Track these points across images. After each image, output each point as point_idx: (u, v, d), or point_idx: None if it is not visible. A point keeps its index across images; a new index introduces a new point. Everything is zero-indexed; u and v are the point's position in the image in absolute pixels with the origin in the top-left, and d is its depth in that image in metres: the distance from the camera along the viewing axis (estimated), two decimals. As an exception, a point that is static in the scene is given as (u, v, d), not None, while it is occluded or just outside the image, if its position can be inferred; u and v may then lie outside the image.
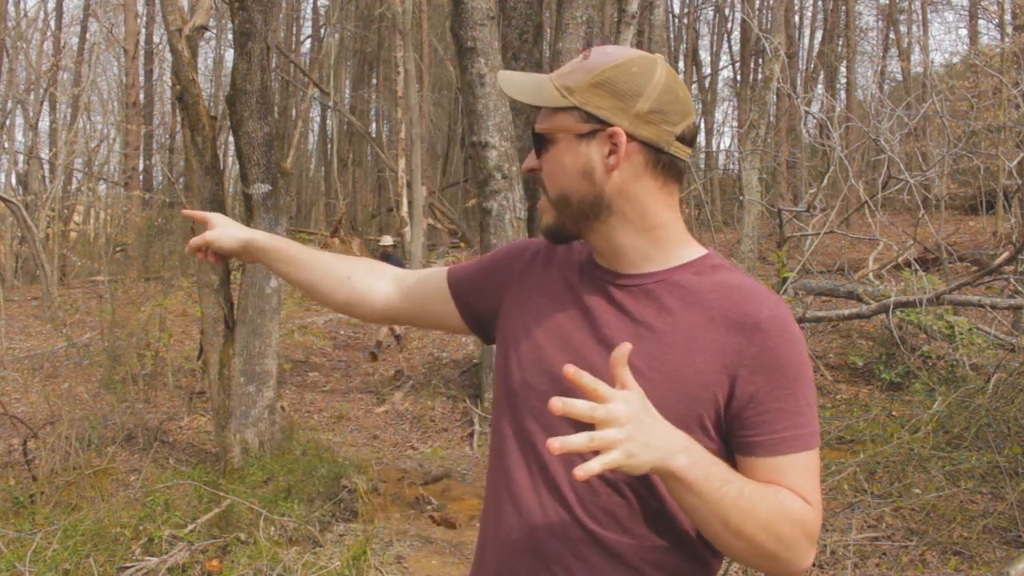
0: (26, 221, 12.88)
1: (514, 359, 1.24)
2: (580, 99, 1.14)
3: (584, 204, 1.16)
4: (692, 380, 1.10)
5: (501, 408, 1.27)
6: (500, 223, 5.93)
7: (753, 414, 1.09)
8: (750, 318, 1.10)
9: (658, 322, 1.14)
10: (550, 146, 1.18)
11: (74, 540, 3.84)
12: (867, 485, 4.38)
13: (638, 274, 1.18)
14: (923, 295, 6.97)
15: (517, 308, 1.28)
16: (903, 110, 8.61)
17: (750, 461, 1.10)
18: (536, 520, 1.17)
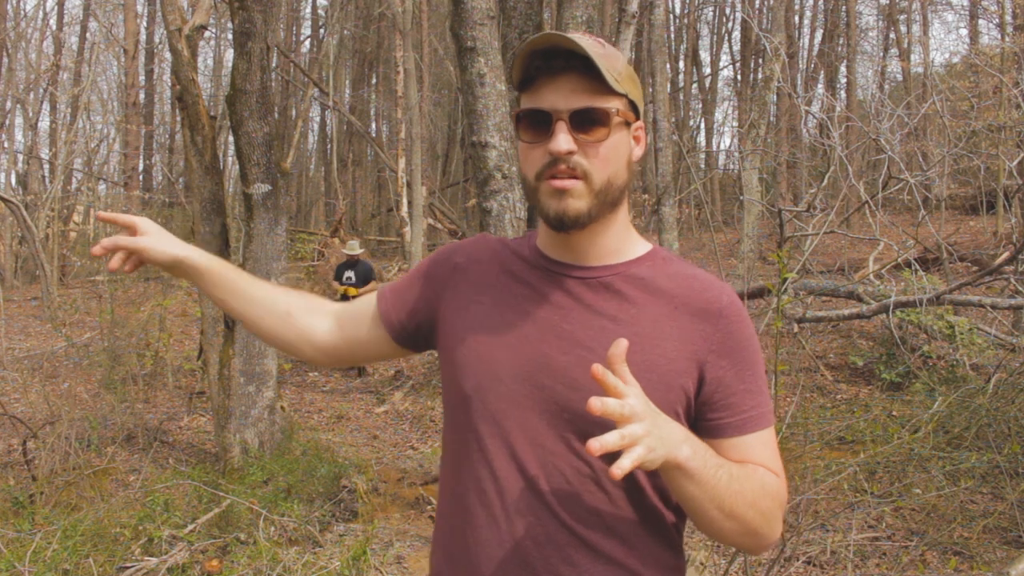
0: (26, 221, 12.88)
1: (465, 365, 1.19)
2: (627, 87, 1.15)
3: (618, 192, 1.16)
4: (665, 369, 1.13)
5: (456, 417, 1.21)
6: (500, 223, 5.92)
7: (721, 397, 1.14)
8: (712, 305, 1.16)
9: (622, 314, 1.16)
10: (599, 129, 1.12)
11: (74, 540, 3.83)
12: (867, 485, 4.38)
13: (597, 267, 1.19)
14: (923, 295, 6.97)
15: (458, 314, 1.23)
16: (903, 110, 8.61)
17: (720, 443, 1.15)
18: (519, 529, 1.13)
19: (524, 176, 1.18)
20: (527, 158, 1.16)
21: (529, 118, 1.14)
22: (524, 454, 1.14)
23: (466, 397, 1.19)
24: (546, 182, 1.14)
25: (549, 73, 1.12)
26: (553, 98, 1.12)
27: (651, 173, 15.75)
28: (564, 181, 1.12)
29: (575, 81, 1.11)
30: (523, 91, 1.17)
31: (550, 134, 1.12)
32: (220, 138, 12.00)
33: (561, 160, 1.12)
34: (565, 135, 1.11)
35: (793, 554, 3.81)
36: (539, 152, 1.14)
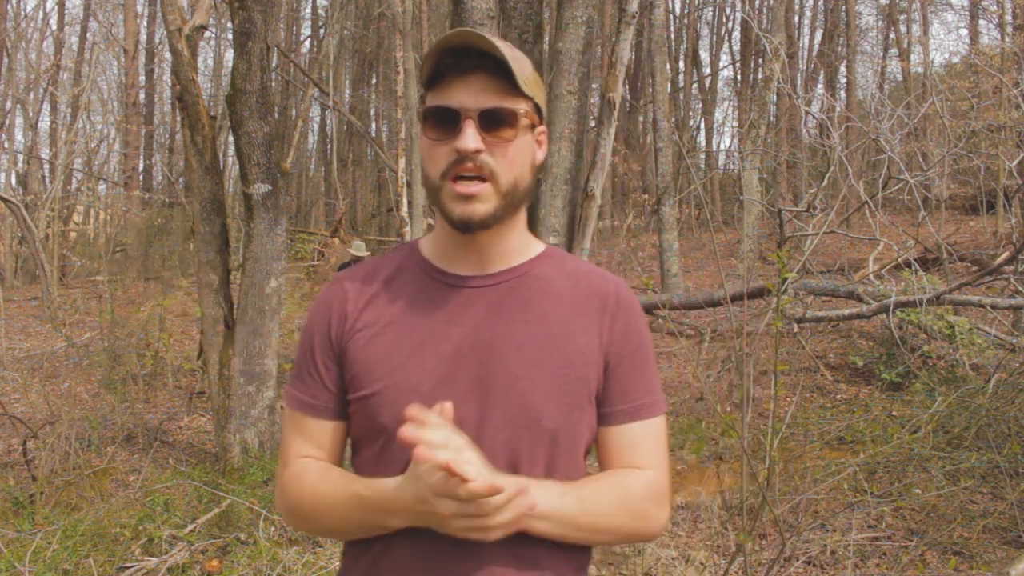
0: (26, 221, 12.88)
1: (383, 400, 1.15)
2: (533, 91, 1.15)
3: (523, 194, 1.17)
4: (580, 364, 1.16)
5: (376, 452, 1.17)
6: (500, 223, 5.94)
7: (618, 386, 1.19)
8: (610, 300, 1.21)
9: (531, 316, 1.17)
10: (507, 129, 1.12)
11: (74, 540, 3.83)
12: (867, 485, 4.38)
13: (498, 272, 1.20)
14: (923, 295, 6.97)
15: (364, 353, 1.18)
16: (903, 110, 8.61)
17: (611, 430, 1.20)
18: (452, 546, 1.10)
19: (426, 175, 1.16)
20: (431, 156, 1.14)
21: (436, 115, 1.13)
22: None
23: (385, 429, 1.14)
24: (450, 183, 1.12)
25: (459, 71, 1.11)
26: (462, 96, 1.11)
27: (651, 173, 15.75)
28: (471, 185, 1.12)
29: (485, 81, 1.11)
30: (430, 88, 1.15)
31: (457, 132, 1.11)
32: (220, 138, 12.00)
33: (468, 159, 1.11)
34: (473, 133, 1.10)
35: (793, 554, 3.81)
36: (445, 150, 1.12)
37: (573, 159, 6.30)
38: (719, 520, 4.30)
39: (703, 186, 19.16)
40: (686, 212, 17.74)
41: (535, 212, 6.40)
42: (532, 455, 1.15)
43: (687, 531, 4.35)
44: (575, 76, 6.30)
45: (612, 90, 6.02)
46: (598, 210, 6.32)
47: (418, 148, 1.13)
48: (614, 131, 6.24)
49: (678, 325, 9.82)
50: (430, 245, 1.25)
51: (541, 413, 1.14)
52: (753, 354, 5.03)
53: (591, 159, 6.15)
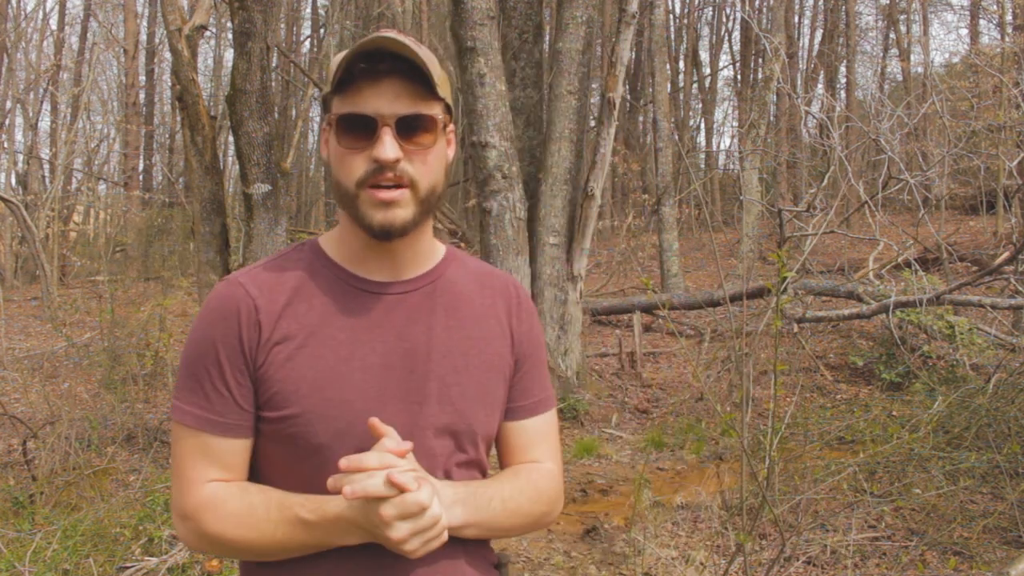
0: (26, 221, 12.88)
1: (312, 417, 1.10)
2: (444, 92, 1.12)
3: (437, 199, 1.14)
4: (499, 365, 1.20)
5: (305, 470, 1.11)
6: (500, 223, 5.93)
7: (521, 383, 1.23)
8: (513, 299, 1.24)
9: (450, 320, 1.18)
10: (425, 136, 1.09)
11: (74, 540, 3.83)
12: (867, 485, 4.38)
13: (413, 278, 1.18)
14: (923, 295, 6.98)
15: (283, 370, 1.11)
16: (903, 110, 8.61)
17: (514, 425, 1.24)
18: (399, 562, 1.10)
19: (339, 183, 1.11)
20: (345, 164, 1.09)
21: (350, 123, 1.08)
22: None
23: (320, 448, 1.10)
24: (368, 191, 1.08)
25: (372, 76, 1.07)
26: (377, 102, 1.07)
27: (651, 173, 15.75)
28: (391, 192, 1.08)
29: (399, 85, 1.07)
30: (339, 93, 1.09)
31: (373, 140, 1.07)
32: (220, 138, 12.01)
33: (388, 168, 1.07)
34: (391, 142, 1.06)
35: (793, 554, 3.81)
36: (360, 158, 1.08)
37: (573, 159, 6.31)
38: (719, 520, 4.30)
39: (703, 186, 19.16)
40: (686, 212, 17.74)
41: (535, 212, 6.41)
42: (460, 458, 1.17)
43: (687, 531, 4.36)
44: (575, 76, 6.30)
45: (612, 90, 6.02)
46: (598, 210, 6.32)
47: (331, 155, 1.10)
48: (614, 131, 6.24)
49: (678, 325, 9.82)
50: (337, 248, 1.19)
51: (472, 418, 1.16)
52: (753, 354, 5.04)
53: (591, 159, 6.15)
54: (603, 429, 6.70)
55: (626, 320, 9.96)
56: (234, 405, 1.12)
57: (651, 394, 7.74)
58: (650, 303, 9.05)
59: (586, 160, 6.41)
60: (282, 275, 1.16)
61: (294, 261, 1.18)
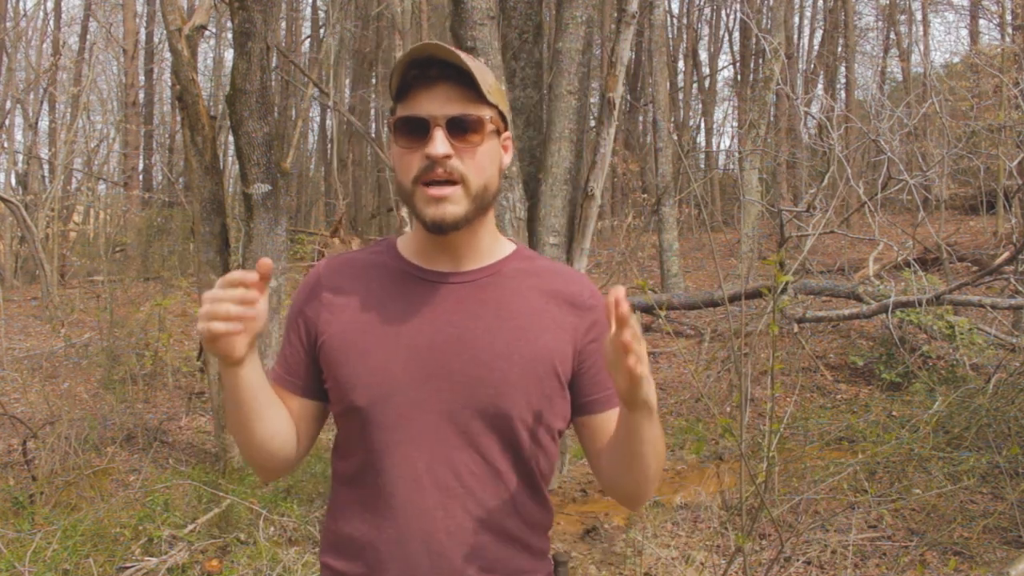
0: (26, 221, 12.88)
1: (356, 382, 1.22)
2: (497, 99, 1.23)
3: (491, 197, 1.24)
4: (548, 359, 1.24)
5: (351, 431, 1.25)
6: (500, 223, 5.92)
7: (593, 378, 1.29)
8: (578, 297, 1.29)
9: (502, 311, 1.25)
10: (473, 136, 1.19)
11: (74, 540, 3.83)
12: (867, 485, 4.38)
13: (472, 270, 1.27)
14: (923, 295, 6.97)
15: (340, 337, 1.25)
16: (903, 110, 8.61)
17: (593, 418, 1.30)
18: (431, 525, 1.21)
19: (400, 181, 1.22)
20: (403, 163, 1.20)
21: (406, 125, 1.19)
22: (431, 455, 1.21)
23: (360, 411, 1.22)
24: (422, 188, 1.18)
25: (425, 82, 1.18)
26: (429, 106, 1.17)
27: (651, 173, 15.75)
28: (442, 189, 1.18)
29: (450, 90, 1.17)
30: (399, 100, 1.21)
31: (427, 139, 1.17)
32: (220, 138, 12.00)
33: (439, 164, 1.17)
34: (442, 139, 1.16)
35: (793, 554, 3.81)
36: (416, 157, 1.18)
37: (573, 159, 6.30)
38: (719, 520, 4.30)
39: (703, 186, 19.16)
40: (686, 212, 17.73)
41: (535, 212, 6.40)
42: (502, 442, 1.23)
43: (687, 531, 4.35)
44: (575, 76, 6.30)
45: (612, 90, 6.02)
46: (598, 210, 6.32)
47: (393, 157, 1.21)
48: (614, 131, 6.24)
49: (678, 325, 9.82)
50: (407, 244, 1.32)
51: (511, 404, 1.22)
52: (752, 354, 5.03)
53: (591, 159, 6.15)
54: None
55: (626, 320, 9.93)
56: (299, 366, 1.30)
57: (651, 394, 7.73)
58: (650, 303, 9.05)
59: (586, 160, 6.41)
60: (354, 261, 1.32)
61: (368, 252, 1.34)
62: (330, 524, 1.31)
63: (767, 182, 14.92)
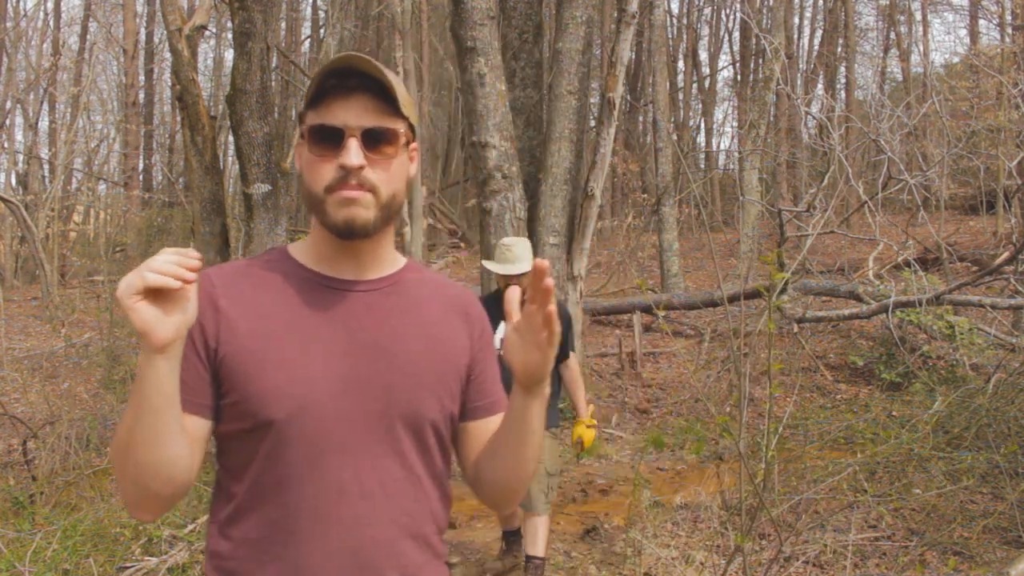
0: (26, 221, 12.88)
1: (271, 396, 1.16)
2: (409, 112, 1.23)
3: (397, 208, 1.25)
4: (456, 364, 1.29)
5: (260, 448, 1.17)
6: (500, 223, 5.92)
7: (480, 385, 1.32)
8: (468, 307, 1.35)
9: (411, 318, 1.27)
10: (388, 148, 1.19)
11: (74, 540, 3.84)
12: (867, 485, 4.38)
13: (378, 278, 1.28)
14: (923, 295, 6.98)
15: (244, 351, 1.18)
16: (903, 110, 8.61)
17: (475, 424, 1.32)
18: (356, 538, 1.19)
19: (310, 189, 1.21)
20: (314, 171, 1.19)
21: (320, 133, 1.18)
22: (356, 464, 1.20)
23: (275, 425, 1.16)
24: (334, 193, 1.18)
25: (343, 91, 1.18)
26: (345, 115, 1.17)
27: (651, 173, 15.75)
28: (354, 191, 1.18)
29: (367, 101, 1.18)
30: (313, 107, 1.20)
31: (340, 149, 1.17)
32: (220, 138, 12.00)
33: (352, 175, 1.17)
34: (357, 150, 1.16)
35: (793, 554, 3.82)
36: (328, 166, 1.18)
37: (573, 159, 6.30)
38: (719, 520, 4.30)
39: (703, 186, 19.16)
40: (686, 212, 17.74)
41: (535, 212, 6.40)
42: (419, 447, 1.24)
43: (687, 531, 4.36)
44: (575, 76, 6.30)
45: (612, 90, 6.02)
46: (598, 210, 6.32)
47: (303, 163, 1.23)
48: (614, 131, 6.23)
49: (678, 325, 9.82)
50: (304, 252, 1.29)
51: (428, 408, 1.24)
52: (752, 354, 5.04)
53: (591, 159, 6.14)
54: (603, 429, 6.70)
55: (626, 320, 9.96)
56: (201, 384, 1.19)
57: (651, 394, 7.74)
58: (650, 303, 9.05)
59: (586, 160, 6.40)
60: (248, 269, 1.26)
61: (262, 261, 1.28)
62: (230, 551, 1.20)
63: (767, 182, 14.92)
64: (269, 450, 1.18)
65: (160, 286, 1.01)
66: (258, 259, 1.29)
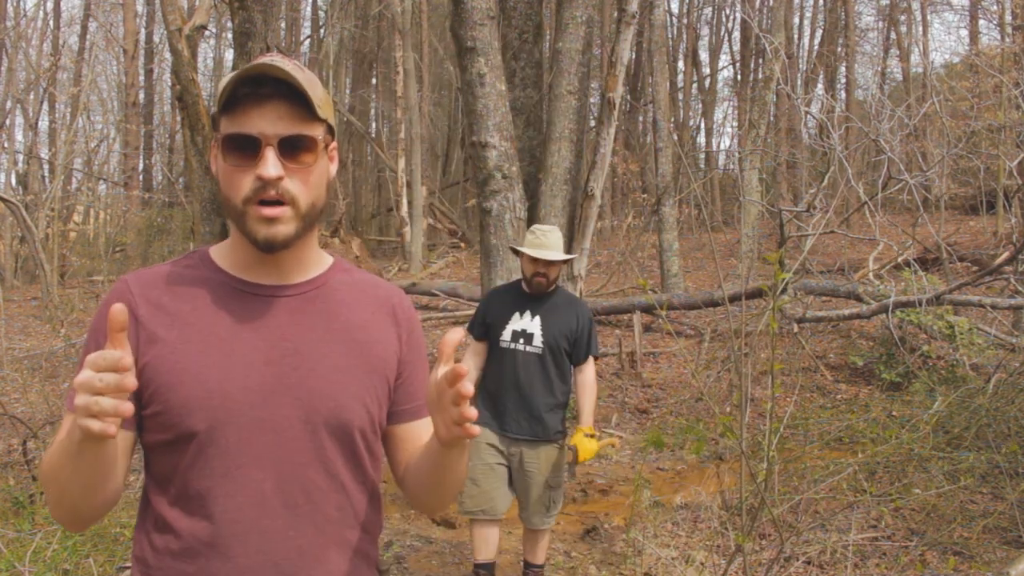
0: (26, 221, 12.88)
1: (190, 405, 1.14)
2: (326, 113, 1.19)
3: (318, 213, 1.21)
4: (382, 369, 1.26)
5: (182, 459, 1.16)
6: (500, 223, 5.92)
7: (408, 387, 1.30)
8: (398, 308, 1.31)
9: (334, 324, 1.24)
10: (307, 155, 1.16)
11: (74, 540, 3.84)
12: (867, 485, 4.38)
13: (299, 283, 1.25)
14: (923, 295, 6.97)
15: (163, 360, 1.16)
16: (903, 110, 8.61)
17: (402, 427, 1.30)
18: (280, 547, 1.17)
19: (228, 199, 1.17)
20: (231, 181, 1.16)
21: (235, 142, 1.14)
22: (278, 474, 1.18)
23: (196, 436, 1.15)
24: (254, 207, 1.15)
25: (256, 99, 1.13)
26: (261, 123, 1.13)
27: (651, 173, 15.75)
28: (274, 209, 1.14)
29: (282, 107, 1.14)
30: (225, 114, 1.16)
31: (257, 159, 1.13)
32: (220, 138, 11.97)
33: (270, 186, 1.13)
34: (274, 161, 1.13)
35: (793, 554, 3.82)
36: (246, 177, 1.14)
37: (573, 159, 6.30)
38: (719, 520, 4.30)
39: (703, 186, 19.17)
40: (686, 212, 17.74)
41: (535, 212, 6.40)
42: (344, 454, 1.22)
43: (687, 531, 4.36)
44: (575, 76, 6.30)
45: (612, 90, 6.02)
46: (598, 210, 6.32)
47: (219, 172, 1.19)
48: (614, 131, 6.23)
49: (678, 325, 9.82)
50: (224, 256, 1.26)
51: (352, 415, 1.21)
52: (752, 354, 5.03)
53: (591, 159, 6.14)
54: (603, 429, 6.70)
55: (626, 320, 9.95)
56: None
57: (651, 394, 7.74)
58: (650, 303, 9.05)
59: (586, 160, 6.40)
60: (167, 276, 1.23)
61: (181, 266, 1.25)
62: (156, 561, 1.18)
63: (767, 182, 14.93)
64: (191, 461, 1.16)
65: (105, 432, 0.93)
66: (179, 263, 1.26)
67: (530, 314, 3.47)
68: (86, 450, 1.03)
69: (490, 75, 5.84)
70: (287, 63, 1.14)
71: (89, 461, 1.05)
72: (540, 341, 3.43)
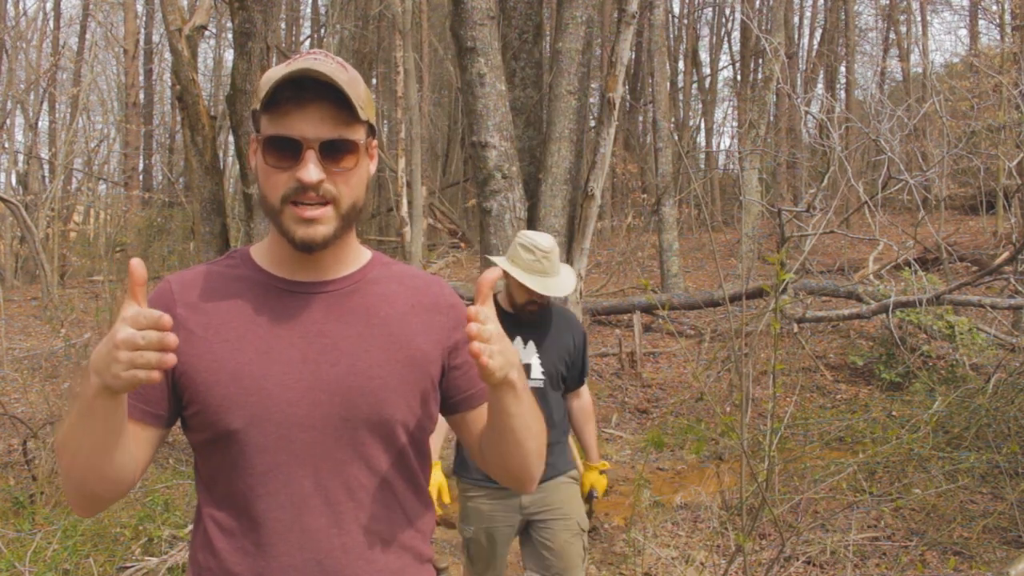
0: (26, 221, 12.87)
1: (229, 403, 1.15)
2: (368, 113, 1.18)
3: (358, 213, 1.21)
4: (422, 362, 1.24)
5: (225, 457, 1.17)
6: (500, 223, 5.92)
7: (464, 376, 1.29)
8: (441, 300, 1.30)
9: (373, 319, 1.23)
10: (348, 158, 1.15)
11: (74, 540, 3.84)
12: (867, 485, 4.38)
13: (337, 279, 1.24)
14: (923, 295, 6.97)
15: (202, 359, 1.17)
16: (903, 110, 8.61)
17: (468, 414, 1.30)
18: (324, 544, 1.17)
19: (265, 197, 1.17)
20: (270, 181, 1.15)
21: (275, 143, 1.13)
22: (317, 473, 1.17)
23: (235, 435, 1.15)
24: (291, 207, 1.14)
25: (298, 101, 1.12)
26: (302, 126, 1.12)
27: (651, 173, 15.75)
28: (314, 210, 1.14)
29: (324, 110, 1.13)
30: (267, 113, 1.14)
31: (298, 161, 1.12)
32: (220, 138, 11.99)
33: (311, 188, 1.13)
34: (315, 165, 1.12)
35: (793, 554, 3.82)
36: (285, 177, 1.14)
37: (573, 159, 6.30)
38: (719, 520, 4.30)
39: (703, 186, 19.16)
40: (686, 212, 17.74)
41: (535, 212, 6.40)
42: (387, 450, 1.22)
43: (687, 531, 4.36)
44: (575, 76, 6.30)
45: (612, 90, 6.02)
46: (598, 210, 6.32)
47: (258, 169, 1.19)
48: (614, 131, 6.23)
49: (678, 325, 9.82)
50: (264, 254, 1.26)
51: (394, 410, 1.21)
52: (752, 354, 5.03)
53: (591, 159, 6.14)
54: (603, 429, 6.70)
55: (626, 320, 9.95)
56: (157, 393, 1.18)
57: (651, 394, 7.74)
58: (650, 303, 9.05)
59: (586, 160, 6.41)
60: (207, 275, 1.23)
61: (222, 265, 1.26)
62: (205, 561, 1.20)
63: (767, 182, 14.93)
64: (233, 460, 1.17)
65: (150, 380, 0.96)
66: (219, 263, 1.27)
67: (522, 341, 2.82)
68: (98, 407, 1.03)
69: (490, 75, 5.84)
70: (329, 62, 1.13)
71: (101, 418, 1.04)
72: (540, 372, 2.82)
